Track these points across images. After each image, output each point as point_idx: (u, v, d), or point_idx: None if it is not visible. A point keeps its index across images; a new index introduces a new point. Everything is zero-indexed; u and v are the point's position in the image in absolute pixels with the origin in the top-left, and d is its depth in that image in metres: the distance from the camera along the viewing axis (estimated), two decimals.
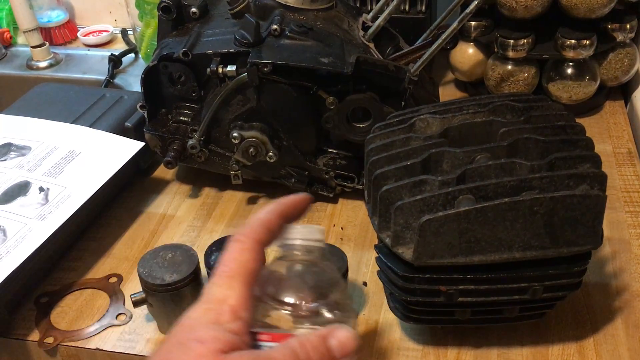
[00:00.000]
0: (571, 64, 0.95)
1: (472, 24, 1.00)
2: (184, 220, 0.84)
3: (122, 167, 0.81)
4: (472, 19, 0.99)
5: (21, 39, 1.34)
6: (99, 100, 0.94)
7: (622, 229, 0.77)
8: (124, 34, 1.33)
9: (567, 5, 0.91)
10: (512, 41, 0.94)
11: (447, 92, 1.08)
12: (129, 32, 1.31)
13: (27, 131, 0.88)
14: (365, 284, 0.72)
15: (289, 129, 0.80)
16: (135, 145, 0.85)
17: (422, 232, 0.54)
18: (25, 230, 0.72)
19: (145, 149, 0.85)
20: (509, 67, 0.97)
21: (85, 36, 1.35)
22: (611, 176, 0.66)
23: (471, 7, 0.78)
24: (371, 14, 0.87)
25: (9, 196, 0.77)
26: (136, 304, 0.67)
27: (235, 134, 0.79)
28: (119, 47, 1.31)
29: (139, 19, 1.15)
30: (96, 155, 0.83)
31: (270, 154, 0.80)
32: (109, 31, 1.35)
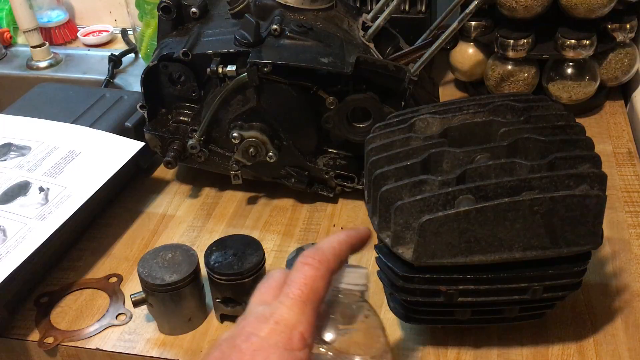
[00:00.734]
0: (571, 64, 0.95)
1: (472, 24, 1.00)
2: (184, 220, 0.84)
3: (122, 167, 0.81)
4: (472, 19, 0.99)
5: (21, 39, 1.34)
6: (99, 100, 0.94)
7: (622, 229, 0.77)
8: (124, 34, 1.33)
9: (567, 5, 0.91)
10: (512, 41, 0.94)
11: (447, 92, 1.08)
12: (129, 32, 1.31)
13: (27, 131, 0.88)
14: None
15: (289, 129, 0.80)
16: (135, 145, 0.85)
17: (422, 232, 0.54)
18: (25, 230, 0.72)
19: (145, 149, 0.85)
20: (509, 67, 0.97)
21: (85, 36, 1.35)
22: (611, 176, 0.66)
23: (471, 7, 0.78)
24: (371, 14, 0.87)
25: (9, 196, 0.77)
26: (136, 304, 0.67)
27: (235, 134, 0.79)
28: (119, 47, 1.31)
29: (139, 19, 1.15)
30: (96, 155, 0.83)
31: (270, 154, 0.80)
32: (109, 31, 1.35)
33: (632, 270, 0.72)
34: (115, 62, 1.21)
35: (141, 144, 0.85)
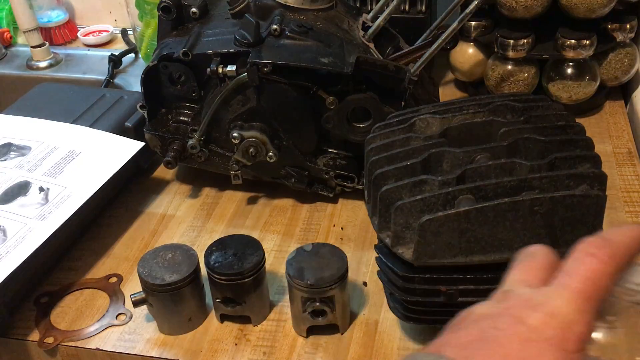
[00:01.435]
0: (571, 64, 0.95)
1: (472, 24, 1.00)
2: (184, 220, 0.84)
3: (122, 167, 0.81)
4: (472, 19, 0.99)
5: (21, 39, 1.34)
6: (99, 100, 0.94)
7: None
8: (124, 34, 1.33)
9: (567, 5, 0.91)
10: (512, 41, 0.94)
11: (447, 92, 1.08)
12: (129, 32, 1.31)
13: (27, 131, 0.88)
14: (365, 284, 0.72)
15: (289, 129, 0.80)
16: (135, 145, 0.85)
17: (422, 232, 0.54)
18: (25, 230, 0.72)
19: (145, 149, 0.85)
20: (509, 67, 0.97)
21: (85, 36, 1.35)
22: (611, 176, 0.66)
23: (471, 7, 0.78)
24: (371, 14, 0.87)
25: (9, 196, 0.77)
26: (136, 304, 0.67)
27: (235, 134, 0.79)
28: (119, 47, 1.31)
29: (139, 19, 1.15)
30: (96, 155, 0.83)
31: (270, 154, 0.80)
32: (109, 31, 1.35)
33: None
34: (115, 62, 1.21)
35: (141, 144, 0.85)
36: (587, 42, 0.92)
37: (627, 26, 0.95)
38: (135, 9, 1.14)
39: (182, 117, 0.85)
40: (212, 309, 0.70)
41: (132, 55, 1.26)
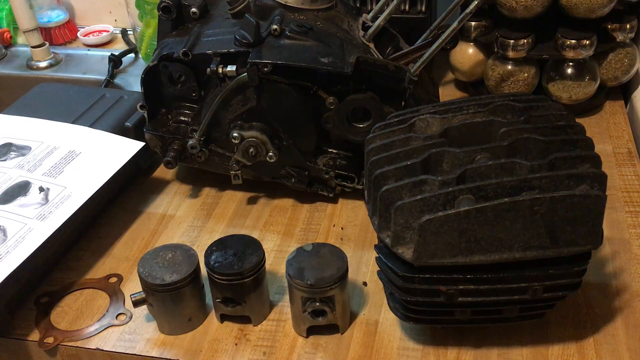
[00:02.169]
0: (571, 64, 0.95)
1: (472, 24, 1.00)
2: (184, 220, 0.84)
3: (122, 167, 0.81)
4: (472, 19, 0.99)
5: (21, 39, 1.34)
6: (99, 100, 0.94)
7: (622, 229, 0.77)
8: (124, 34, 1.33)
9: (567, 5, 0.91)
10: (512, 41, 0.94)
11: (447, 92, 1.08)
12: (129, 32, 1.31)
13: (27, 131, 0.88)
14: (365, 284, 0.72)
15: (289, 129, 0.80)
16: (135, 145, 0.85)
17: (422, 232, 0.54)
18: (25, 230, 0.72)
19: (145, 149, 0.85)
20: (509, 67, 0.97)
21: (85, 36, 1.35)
22: (611, 176, 0.66)
23: (471, 7, 0.78)
24: (371, 14, 0.87)
25: (9, 196, 0.77)
26: (136, 304, 0.67)
27: (235, 134, 0.79)
28: (119, 47, 1.31)
29: (139, 19, 1.15)
30: (96, 155, 0.83)
31: (270, 154, 0.80)
32: (109, 31, 1.35)
33: (632, 270, 0.72)
34: (115, 62, 1.21)
35: (141, 144, 0.85)
36: (587, 42, 0.92)
37: (627, 26, 0.95)
38: (135, 9, 1.14)
39: (182, 117, 0.85)
40: (212, 309, 0.70)
41: (132, 55, 1.26)
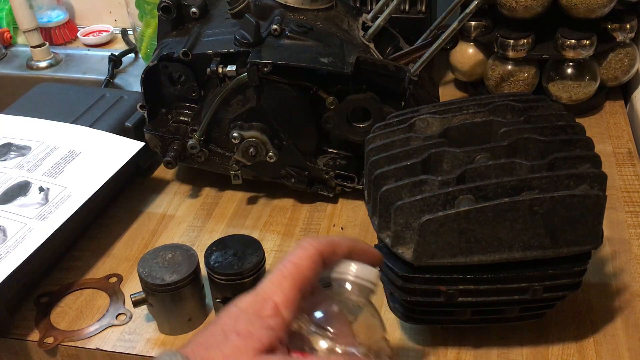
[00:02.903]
0: (571, 64, 0.95)
1: (472, 24, 1.00)
2: (184, 220, 0.84)
3: (122, 167, 0.81)
4: (472, 19, 0.99)
5: (21, 39, 1.34)
6: (99, 100, 0.94)
7: (622, 229, 0.77)
8: (124, 34, 1.33)
9: (567, 5, 0.91)
10: (512, 41, 0.94)
11: (447, 92, 1.08)
12: (129, 32, 1.31)
13: (27, 131, 0.88)
14: None
15: (289, 129, 0.80)
16: (135, 145, 0.85)
17: (422, 232, 0.54)
18: (25, 230, 0.72)
19: (145, 149, 0.85)
20: (509, 67, 0.97)
21: (85, 36, 1.35)
22: (611, 176, 0.66)
23: (471, 7, 0.78)
24: (371, 14, 0.87)
25: (9, 196, 0.77)
26: (136, 304, 0.67)
27: (235, 134, 0.79)
28: (119, 47, 1.31)
29: (139, 19, 1.15)
30: (96, 155, 0.83)
31: (270, 154, 0.80)
32: (109, 31, 1.35)
33: (632, 270, 0.72)
34: (115, 62, 1.21)
35: (141, 144, 0.85)
36: (587, 42, 0.92)
37: (627, 26, 0.95)
38: (135, 9, 1.14)
39: (182, 117, 0.85)
40: (212, 309, 0.70)
41: (132, 55, 1.26)
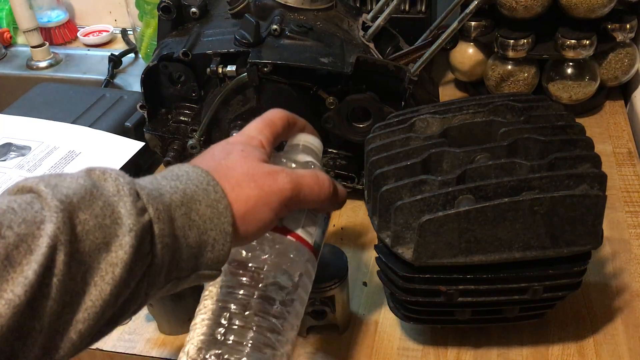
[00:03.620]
0: (571, 64, 0.95)
1: (472, 24, 1.00)
2: None
3: (122, 167, 0.81)
4: (472, 19, 0.99)
5: (21, 39, 1.34)
6: (99, 100, 0.94)
7: (622, 229, 0.77)
8: (124, 34, 1.33)
9: (567, 5, 0.91)
10: (512, 41, 0.94)
11: (447, 92, 1.08)
12: (129, 32, 1.31)
13: (27, 131, 0.88)
14: (365, 284, 0.72)
15: None
16: (135, 145, 0.85)
17: (422, 232, 0.54)
18: None
19: (145, 149, 0.85)
20: (509, 67, 0.97)
21: (85, 36, 1.35)
22: (611, 176, 0.66)
23: (471, 7, 0.78)
24: (371, 14, 0.87)
25: None
26: None
27: (235, 134, 0.79)
28: (119, 47, 1.31)
29: (139, 19, 1.15)
30: (96, 155, 0.83)
31: None
32: (109, 31, 1.35)
33: (632, 270, 0.72)
34: (115, 62, 1.21)
35: (141, 144, 0.85)
36: (587, 42, 0.92)
37: (627, 26, 0.95)
38: (135, 9, 1.14)
39: (182, 117, 0.85)
40: None
41: (132, 55, 1.26)
